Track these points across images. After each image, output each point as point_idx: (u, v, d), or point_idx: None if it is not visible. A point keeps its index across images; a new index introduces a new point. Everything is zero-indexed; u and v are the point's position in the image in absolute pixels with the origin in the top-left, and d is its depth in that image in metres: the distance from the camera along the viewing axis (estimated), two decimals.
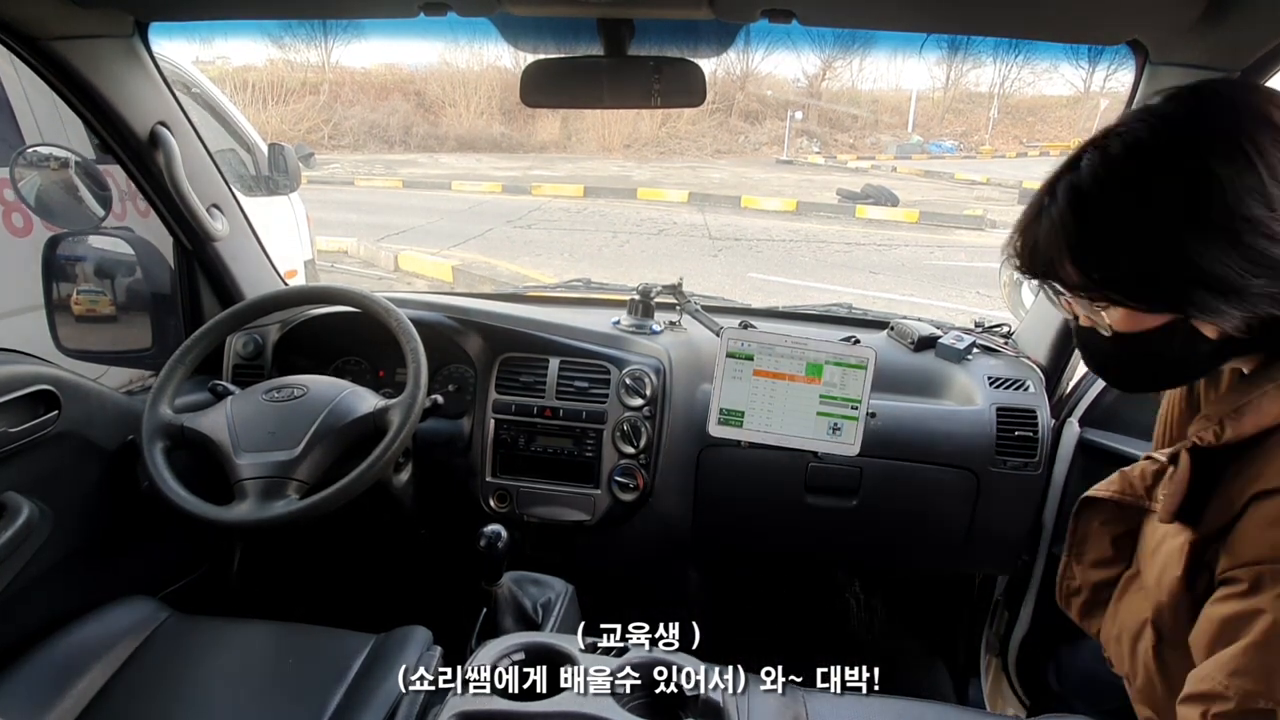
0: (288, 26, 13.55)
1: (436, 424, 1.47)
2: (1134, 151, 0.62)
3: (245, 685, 1.08)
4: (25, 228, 2.37)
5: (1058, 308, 0.72)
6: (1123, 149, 0.62)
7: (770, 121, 17.58)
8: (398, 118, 16.30)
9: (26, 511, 1.04)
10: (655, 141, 16.57)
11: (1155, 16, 0.93)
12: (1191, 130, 0.60)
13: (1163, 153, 0.60)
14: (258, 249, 1.57)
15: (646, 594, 1.58)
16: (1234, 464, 0.63)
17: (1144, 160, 0.61)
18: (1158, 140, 0.61)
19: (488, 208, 10.04)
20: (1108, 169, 0.63)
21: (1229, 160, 0.57)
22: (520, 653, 0.94)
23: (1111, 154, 0.63)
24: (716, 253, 7.62)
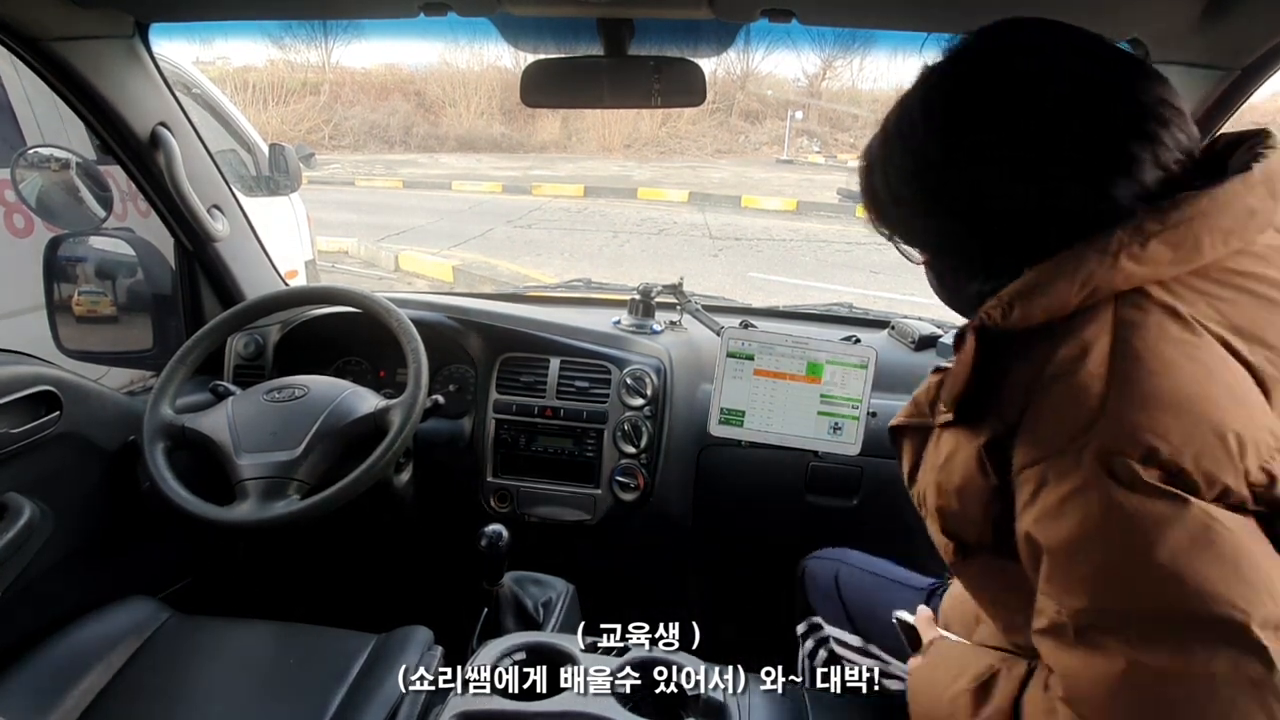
0: (288, 27, 13.55)
1: (437, 424, 1.47)
2: (898, 105, 0.63)
3: (246, 685, 1.08)
4: (27, 228, 2.38)
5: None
6: (895, 107, 0.63)
7: (770, 121, 17.57)
8: (398, 118, 16.31)
9: (28, 512, 1.04)
10: (655, 141, 16.56)
11: (1155, 15, 0.93)
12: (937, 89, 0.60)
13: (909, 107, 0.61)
14: (258, 249, 1.57)
15: (647, 594, 1.58)
16: (1023, 353, 0.55)
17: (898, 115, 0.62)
18: (910, 96, 0.62)
19: (488, 208, 10.04)
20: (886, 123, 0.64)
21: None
22: (521, 652, 0.94)
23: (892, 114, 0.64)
24: (717, 252, 7.62)
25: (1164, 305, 0.51)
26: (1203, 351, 0.49)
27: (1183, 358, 0.49)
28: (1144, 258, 0.51)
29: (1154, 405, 0.48)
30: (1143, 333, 0.50)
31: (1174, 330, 0.50)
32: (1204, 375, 0.48)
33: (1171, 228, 0.51)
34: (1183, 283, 0.51)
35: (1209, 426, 0.47)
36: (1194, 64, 0.98)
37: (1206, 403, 0.48)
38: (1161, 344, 0.50)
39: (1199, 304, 0.51)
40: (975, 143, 0.56)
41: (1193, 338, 0.50)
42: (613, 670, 0.90)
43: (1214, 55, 0.95)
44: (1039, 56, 0.56)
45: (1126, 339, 0.50)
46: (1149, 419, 0.48)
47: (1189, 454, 0.47)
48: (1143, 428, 0.48)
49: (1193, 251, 0.51)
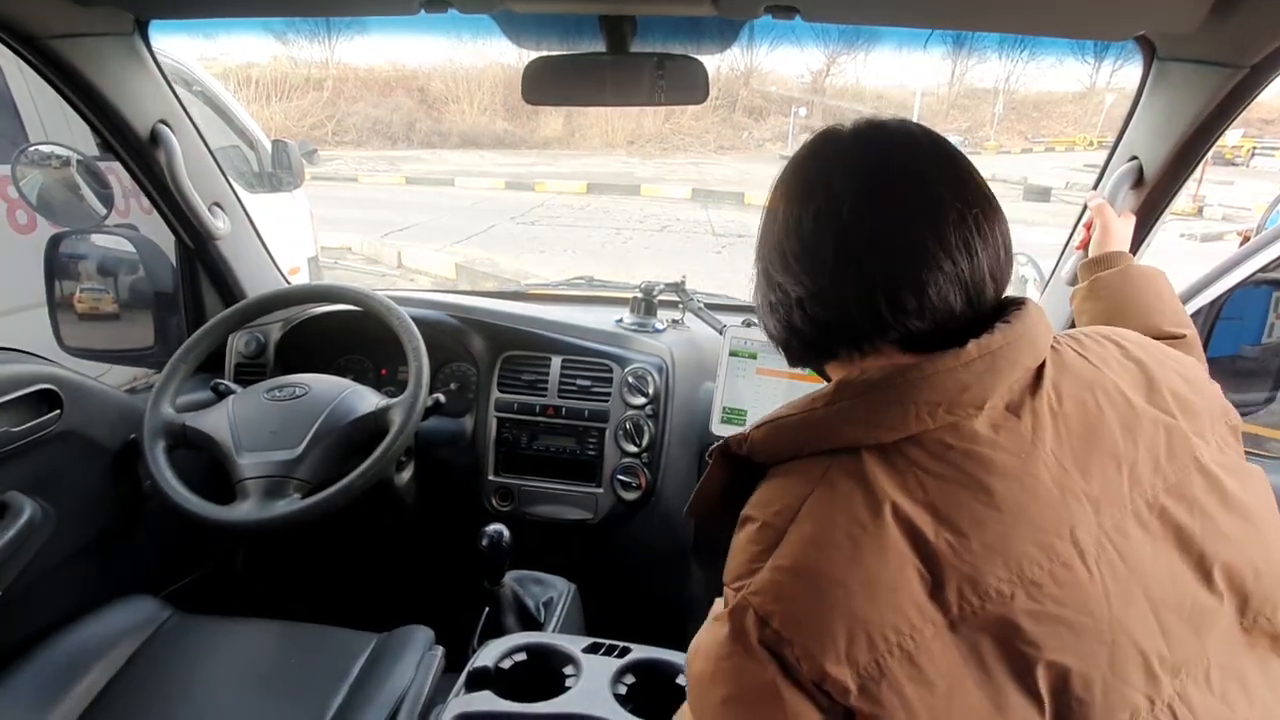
0: (290, 23, 13.54)
1: (438, 423, 1.47)
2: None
3: (248, 684, 1.08)
4: (29, 225, 2.38)
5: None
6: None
7: (774, 118, 17.54)
8: (401, 114, 16.32)
9: (29, 511, 1.04)
10: (658, 138, 16.55)
11: (1164, 12, 0.92)
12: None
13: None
14: (259, 247, 1.57)
15: (649, 593, 1.58)
16: (760, 476, 0.57)
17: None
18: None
19: (491, 204, 10.04)
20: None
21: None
22: (522, 653, 0.94)
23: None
24: (720, 249, 7.61)
25: (863, 475, 0.50)
26: (866, 537, 0.48)
27: (844, 537, 0.48)
28: (853, 419, 0.51)
29: (794, 573, 0.48)
30: (828, 498, 0.50)
31: (856, 506, 0.49)
32: (848, 561, 0.47)
33: (880, 391, 0.51)
34: (900, 449, 0.50)
35: (828, 611, 0.46)
36: (1202, 61, 0.97)
37: (837, 588, 0.47)
38: (834, 515, 0.49)
39: (908, 475, 0.49)
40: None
41: (866, 519, 0.48)
42: (614, 671, 0.90)
43: (1222, 53, 0.94)
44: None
45: (814, 500, 0.50)
46: (785, 582, 0.48)
47: (799, 629, 0.46)
48: (776, 588, 0.48)
49: (900, 421, 0.50)
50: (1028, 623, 0.46)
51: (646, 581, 1.59)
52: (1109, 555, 0.48)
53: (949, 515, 0.48)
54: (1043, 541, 0.47)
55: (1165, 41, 1.00)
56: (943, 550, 0.47)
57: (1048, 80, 18.90)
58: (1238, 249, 1.26)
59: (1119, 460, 0.50)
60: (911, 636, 0.45)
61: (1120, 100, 14.08)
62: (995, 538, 0.47)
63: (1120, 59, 11.83)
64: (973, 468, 0.49)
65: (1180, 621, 0.48)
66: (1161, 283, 0.89)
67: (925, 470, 0.49)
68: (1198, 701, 0.47)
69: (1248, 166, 13.52)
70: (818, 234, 0.55)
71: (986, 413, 0.50)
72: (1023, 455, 0.49)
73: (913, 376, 0.51)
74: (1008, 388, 0.51)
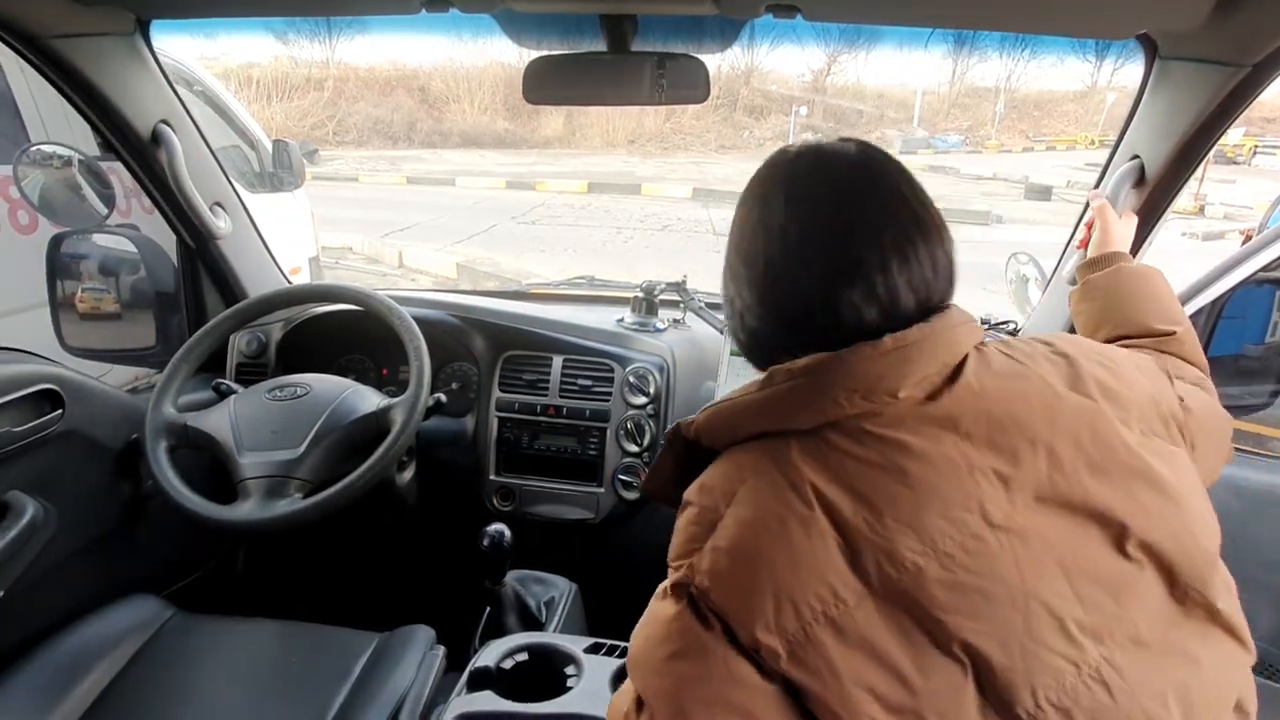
0: (291, 23, 13.55)
1: (440, 422, 1.47)
2: None
3: (249, 683, 1.08)
4: (31, 225, 2.38)
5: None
6: None
7: (775, 117, 17.53)
8: (402, 114, 16.32)
9: (31, 510, 1.04)
10: (659, 137, 16.55)
11: (1166, 11, 0.92)
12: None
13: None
14: (261, 247, 1.57)
15: (650, 593, 1.57)
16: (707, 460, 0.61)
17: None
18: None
19: (492, 204, 10.04)
20: None
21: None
22: (524, 652, 0.94)
23: None
24: (721, 249, 7.59)
25: (790, 460, 0.54)
26: (792, 517, 0.52)
27: (773, 519, 0.52)
28: (781, 404, 0.56)
29: (728, 553, 0.53)
30: (759, 485, 0.54)
31: (783, 490, 0.53)
32: (775, 539, 0.51)
33: (804, 378, 0.55)
34: (823, 435, 0.54)
35: (758, 585, 0.51)
36: (1204, 60, 0.97)
37: (765, 565, 0.51)
38: (764, 499, 0.53)
39: (829, 458, 0.53)
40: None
41: (792, 501, 0.52)
42: (615, 670, 0.90)
43: (1224, 52, 0.94)
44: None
45: (746, 488, 0.54)
46: (721, 561, 0.52)
47: (732, 601, 0.51)
48: (713, 566, 0.53)
49: (821, 407, 0.54)
50: (942, 591, 0.50)
51: (648, 581, 1.57)
52: (1020, 527, 0.51)
53: (865, 494, 0.52)
54: (953, 515, 0.51)
55: (1167, 40, 1.00)
56: (860, 526, 0.51)
57: (1049, 79, 18.87)
58: (1240, 248, 1.26)
59: (1035, 442, 0.53)
60: (835, 605, 0.50)
61: (1122, 99, 14.08)
62: (907, 513, 0.51)
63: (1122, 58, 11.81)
64: (888, 450, 0.53)
65: (1098, 590, 0.51)
66: (1154, 280, 0.89)
67: (845, 453, 0.53)
68: (1128, 668, 0.51)
69: (1250, 165, 13.51)
70: (753, 252, 0.61)
71: (903, 401, 0.54)
72: (935, 439, 0.53)
73: (831, 364, 0.55)
74: (923, 378, 0.54)
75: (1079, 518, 0.53)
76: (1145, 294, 0.87)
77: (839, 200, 0.59)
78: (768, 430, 0.56)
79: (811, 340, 0.57)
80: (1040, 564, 0.51)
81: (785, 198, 0.60)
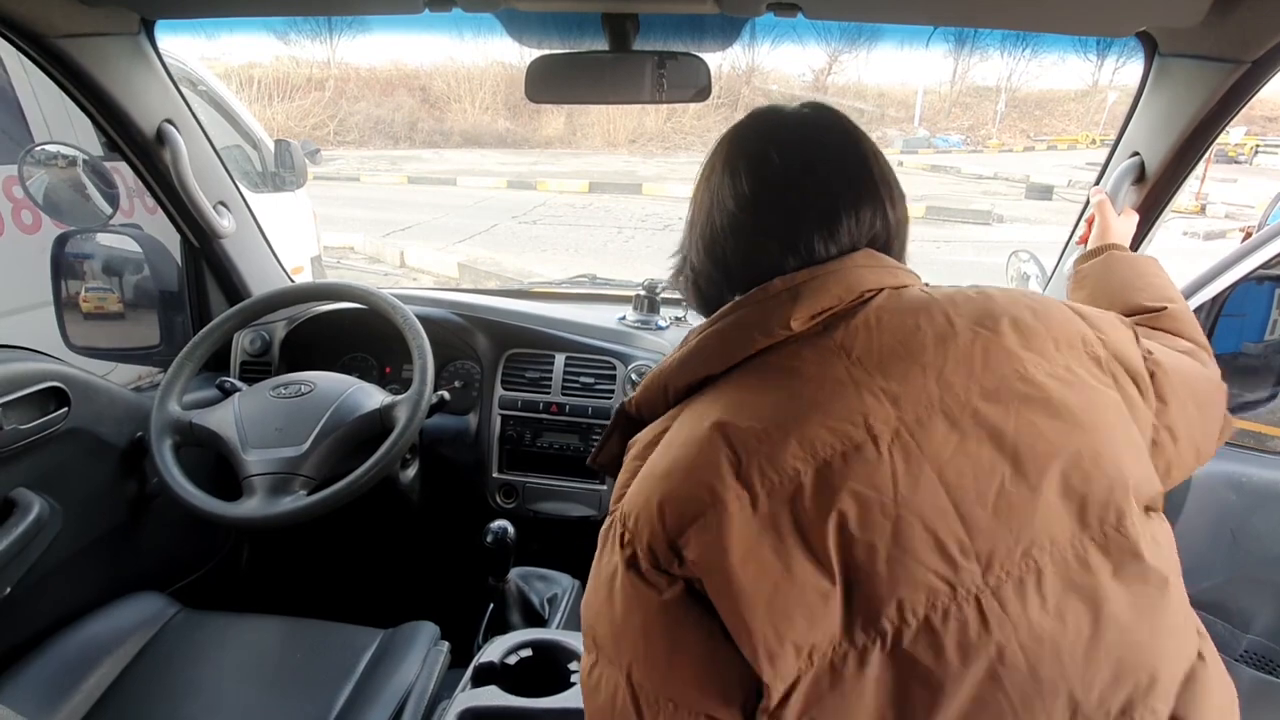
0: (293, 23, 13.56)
1: (443, 420, 1.48)
2: None
3: (254, 680, 1.09)
4: (34, 225, 2.39)
5: None
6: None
7: None
8: (403, 113, 16.31)
9: (37, 508, 1.04)
10: (660, 136, 16.53)
11: (1165, 8, 0.92)
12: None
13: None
14: (264, 246, 1.57)
15: None
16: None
17: None
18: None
19: (493, 203, 10.04)
20: None
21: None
22: (527, 648, 0.95)
23: None
24: None
25: (702, 402, 0.58)
26: (691, 440, 0.56)
27: (676, 446, 0.57)
28: (695, 357, 0.61)
29: (638, 481, 0.57)
30: (677, 428, 0.58)
31: (690, 425, 0.57)
32: (671, 458, 0.56)
33: (711, 328, 0.61)
34: (732, 377, 0.59)
35: (650, 496, 0.55)
36: (1204, 57, 0.97)
37: (658, 478, 0.55)
38: (676, 437, 0.58)
39: (733, 392, 0.58)
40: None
41: (693, 428, 0.56)
42: None
43: (1224, 48, 0.94)
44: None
45: (668, 434, 0.59)
46: (633, 490, 0.57)
47: (632, 518, 0.55)
48: (630, 499, 0.57)
49: (726, 349, 0.60)
50: (817, 494, 0.51)
51: None
52: (904, 441, 0.53)
53: (755, 410, 0.55)
54: (834, 427, 0.53)
55: (1167, 37, 1.01)
56: (747, 437, 0.54)
57: (1050, 78, 18.80)
58: (1239, 245, 1.26)
59: (925, 366, 0.55)
60: (714, 506, 0.52)
61: (1122, 98, 14.05)
62: (791, 423, 0.54)
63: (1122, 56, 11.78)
64: (781, 374, 0.57)
65: (984, 512, 0.51)
66: (1145, 264, 0.90)
67: (746, 386, 0.58)
68: (1014, 607, 0.50)
69: (1251, 164, 13.47)
70: (698, 213, 0.67)
71: (799, 333, 0.58)
72: (826, 363, 0.57)
73: (730, 311, 0.61)
74: (815, 312, 0.58)
75: (971, 440, 0.53)
76: (1133, 275, 0.88)
77: (766, 156, 0.64)
78: (691, 383, 0.61)
79: (725, 293, 0.64)
80: (919, 477, 0.52)
81: (724, 158, 0.65)
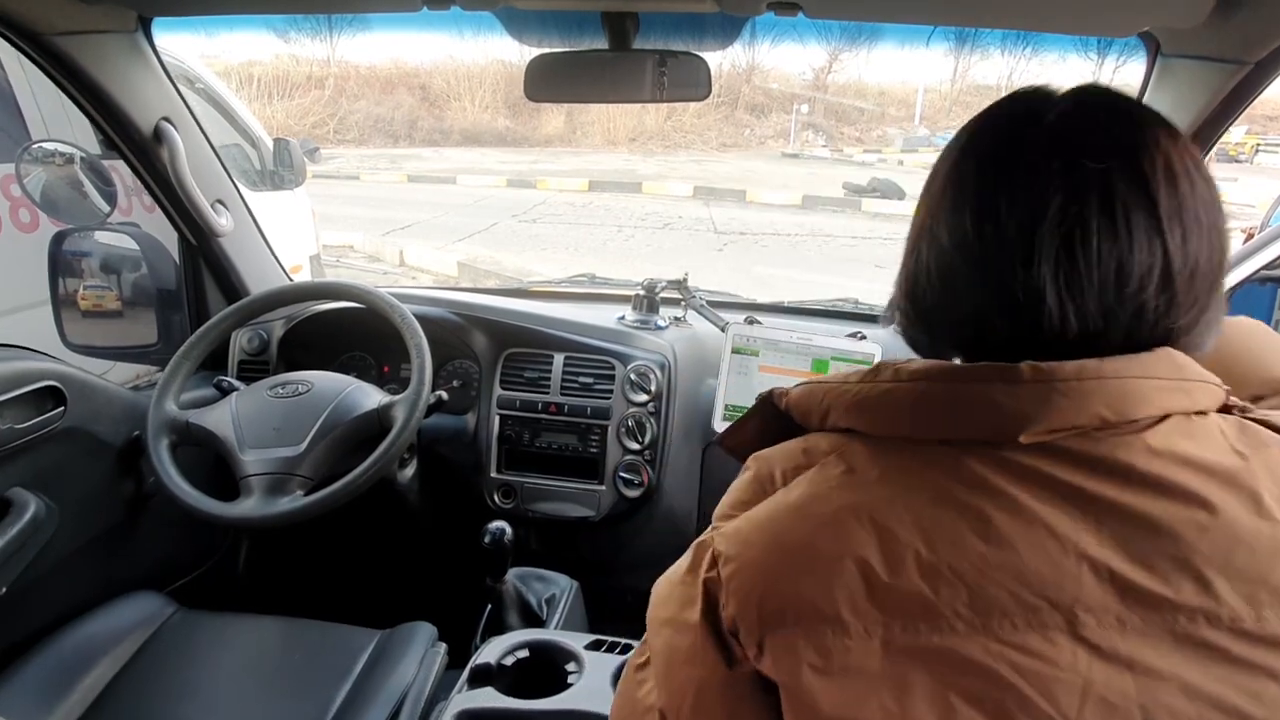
0: (292, 21, 13.53)
1: (441, 420, 1.47)
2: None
3: (251, 680, 1.08)
4: (32, 223, 2.38)
5: None
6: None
7: (776, 115, 17.50)
8: (403, 112, 16.29)
9: (33, 507, 1.04)
10: (660, 135, 16.52)
11: (1168, 8, 0.92)
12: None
13: None
14: (262, 245, 1.57)
15: (651, 590, 1.57)
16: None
17: None
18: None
19: (493, 202, 10.03)
20: None
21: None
22: (525, 649, 0.94)
23: None
24: (722, 247, 7.60)
25: (860, 464, 0.47)
26: (832, 520, 0.45)
27: (813, 515, 0.46)
28: (873, 404, 0.49)
29: (757, 528, 0.48)
30: (821, 477, 0.48)
31: (839, 490, 0.46)
32: (803, 537, 0.46)
33: (912, 384, 0.48)
34: (912, 447, 0.47)
35: (764, 574, 0.46)
36: (1206, 58, 0.97)
37: (781, 557, 0.46)
38: (816, 492, 0.47)
39: (904, 475, 0.46)
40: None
41: (841, 504, 0.45)
42: (616, 668, 0.90)
43: (1226, 49, 0.94)
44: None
45: (809, 474, 0.49)
46: (747, 534, 0.48)
47: (735, 580, 0.46)
48: (737, 537, 0.48)
49: (910, 420, 0.47)
50: (971, 675, 0.40)
51: (649, 578, 1.58)
52: (1114, 654, 0.40)
53: (927, 525, 0.43)
54: (1026, 599, 0.40)
55: (1169, 38, 1.00)
56: (906, 561, 0.42)
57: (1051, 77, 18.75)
58: (1241, 246, 1.26)
59: (1187, 563, 0.40)
60: (832, 627, 0.42)
61: None
62: (971, 569, 0.41)
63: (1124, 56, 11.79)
64: (981, 494, 0.43)
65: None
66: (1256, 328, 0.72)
67: (929, 484, 0.44)
68: None
69: (1252, 164, 13.47)
70: (912, 222, 0.53)
71: (1025, 446, 0.43)
72: (1045, 500, 0.42)
73: (943, 377, 0.46)
74: (1058, 428, 0.42)
75: (1218, 687, 0.39)
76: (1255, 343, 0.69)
77: (1017, 164, 0.46)
78: (855, 428, 0.49)
79: (949, 337, 0.50)
80: (1113, 709, 0.39)
81: (953, 164, 0.50)
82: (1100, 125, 0.46)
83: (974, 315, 0.47)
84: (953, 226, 0.47)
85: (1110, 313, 0.44)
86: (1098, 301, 0.44)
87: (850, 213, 9.71)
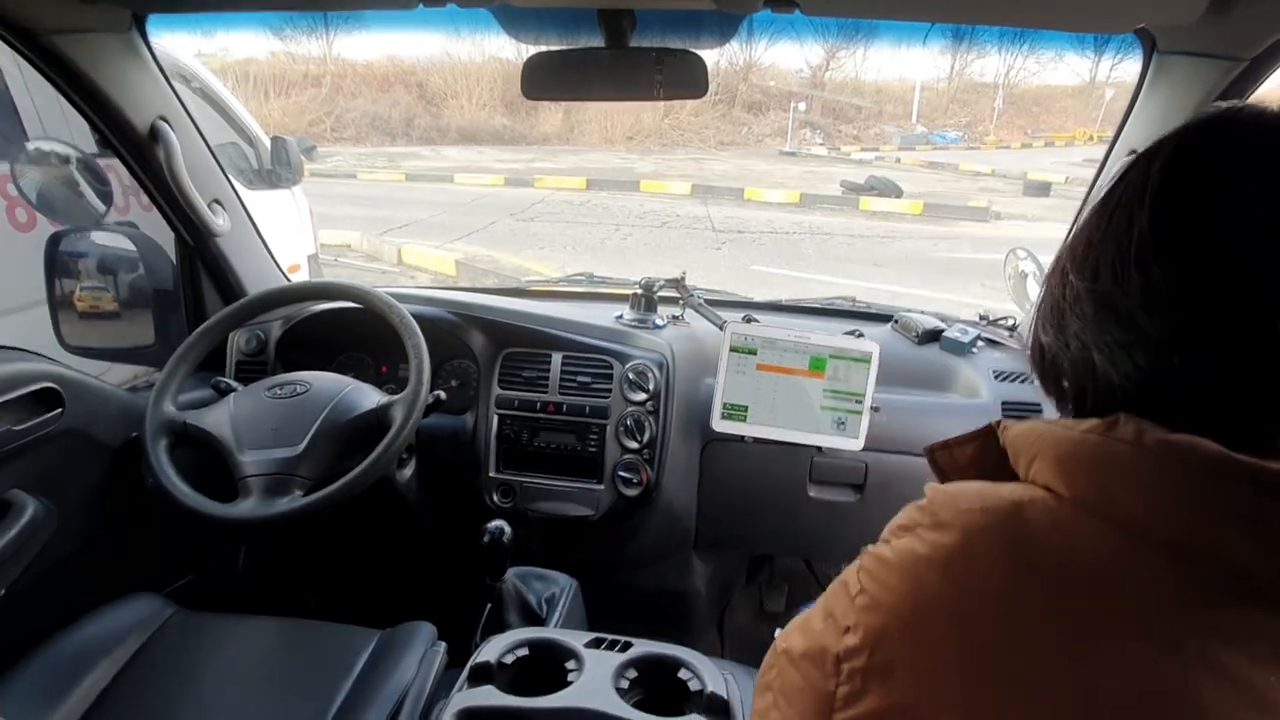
0: (288, 19, 13.50)
1: (439, 420, 1.47)
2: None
3: (251, 681, 1.08)
4: (29, 223, 2.37)
5: None
6: None
7: (773, 113, 17.52)
8: (400, 110, 16.28)
9: (31, 509, 1.04)
10: (658, 133, 16.52)
11: (1164, 5, 0.92)
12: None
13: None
14: (260, 245, 1.57)
15: (650, 588, 1.58)
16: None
17: None
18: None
19: (490, 200, 10.03)
20: None
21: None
22: (524, 648, 0.94)
23: None
24: (720, 245, 7.61)
25: (1058, 534, 0.42)
26: (1000, 606, 0.41)
27: (966, 584, 0.42)
28: (1099, 462, 0.42)
29: (902, 572, 0.44)
30: (989, 541, 0.43)
31: (998, 554, 0.42)
32: (954, 610, 0.42)
33: (1153, 456, 0.42)
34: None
35: (894, 623, 0.43)
36: (1202, 54, 0.97)
37: (916, 622, 0.42)
38: (995, 551, 0.43)
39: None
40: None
41: (1003, 569, 0.42)
42: (616, 666, 0.90)
43: (1222, 45, 0.94)
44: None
45: (991, 530, 0.43)
46: (881, 575, 0.45)
47: (866, 614, 0.44)
48: (881, 566, 0.46)
49: (1141, 506, 0.41)
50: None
51: (648, 577, 1.59)
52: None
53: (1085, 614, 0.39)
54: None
55: (1165, 34, 1.00)
56: (1053, 657, 0.38)
57: (1047, 75, 18.81)
58: None
59: None
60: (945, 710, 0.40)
61: (1120, 95, 14.04)
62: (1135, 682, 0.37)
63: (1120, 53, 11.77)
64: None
65: None
66: None
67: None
68: None
69: None
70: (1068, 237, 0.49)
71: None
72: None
73: (1135, 456, 0.40)
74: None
75: None
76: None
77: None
78: (1054, 488, 0.43)
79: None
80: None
81: (1134, 189, 0.44)
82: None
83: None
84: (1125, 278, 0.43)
85: None
86: None
87: (848, 211, 9.72)
